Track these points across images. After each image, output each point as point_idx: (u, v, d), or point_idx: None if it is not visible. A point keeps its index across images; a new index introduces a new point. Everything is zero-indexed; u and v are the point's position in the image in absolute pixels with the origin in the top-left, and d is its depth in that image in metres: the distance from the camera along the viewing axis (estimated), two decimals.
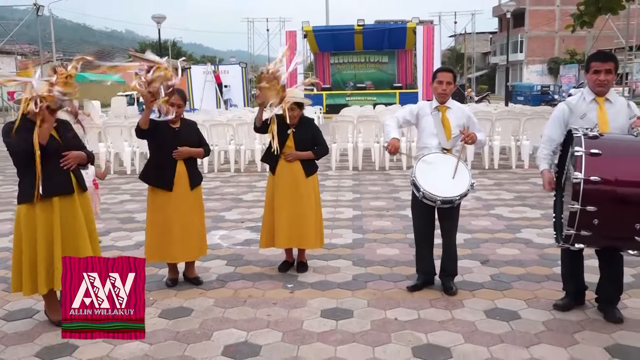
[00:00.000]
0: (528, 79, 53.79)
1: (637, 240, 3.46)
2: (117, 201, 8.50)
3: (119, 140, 11.51)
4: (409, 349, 3.53)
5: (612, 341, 3.58)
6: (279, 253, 5.30)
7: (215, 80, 30.64)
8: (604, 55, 3.90)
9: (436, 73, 4.51)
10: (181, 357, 3.48)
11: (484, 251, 5.56)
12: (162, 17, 26.17)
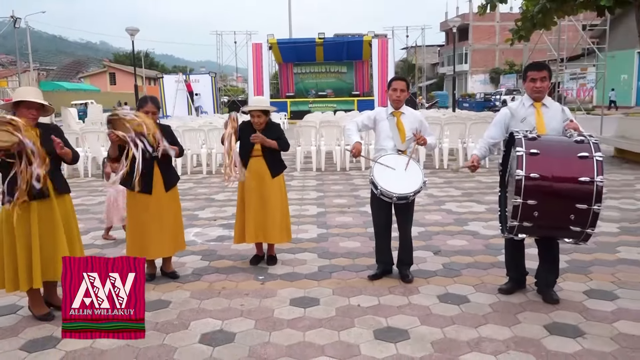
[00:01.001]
0: (472, 87, 54.85)
1: (571, 230, 3.58)
2: (95, 202, 8.29)
3: (96, 146, 11.24)
4: (370, 332, 3.57)
5: (550, 320, 3.69)
6: (250, 248, 5.27)
7: (187, 88, 30.26)
8: (538, 65, 4.01)
9: (391, 82, 4.57)
10: (161, 345, 3.43)
11: (436, 242, 5.65)
12: (136, 30, 25.65)
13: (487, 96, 40.30)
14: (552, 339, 3.41)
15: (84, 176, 11.02)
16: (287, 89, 33.83)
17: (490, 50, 56.75)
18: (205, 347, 3.40)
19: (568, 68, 26.01)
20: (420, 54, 50.60)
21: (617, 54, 30.47)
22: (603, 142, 12.44)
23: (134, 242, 4.52)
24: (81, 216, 6.81)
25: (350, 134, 4.52)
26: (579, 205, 3.47)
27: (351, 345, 3.39)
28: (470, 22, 53.94)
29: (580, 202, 3.47)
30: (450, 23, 32.32)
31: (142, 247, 4.48)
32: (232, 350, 3.35)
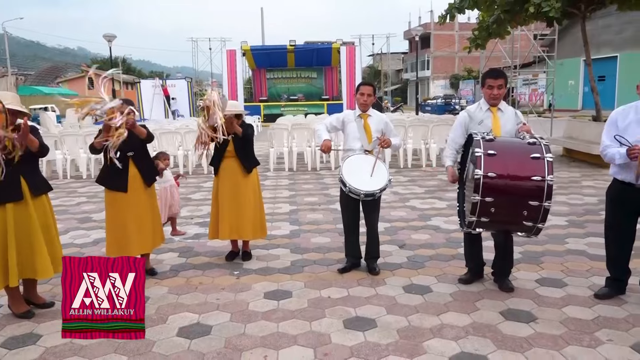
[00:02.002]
0: (434, 92, 55.56)
1: (524, 224, 3.67)
2: (74, 203, 8.09)
3: (75, 148, 10.97)
4: (340, 321, 3.59)
5: (505, 306, 3.78)
6: (225, 244, 5.23)
7: (163, 93, 29.78)
8: (496, 72, 4.06)
9: (359, 86, 4.60)
10: (139, 340, 3.37)
11: (401, 237, 5.71)
12: (113, 36, 25.11)
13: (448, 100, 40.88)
14: (508, 324, 3.49)
15: (62, 177, 10.74)
16: (260, 93, 33.63)
17: (450, 57, 57.62)
18: (183, 339, 3.36)
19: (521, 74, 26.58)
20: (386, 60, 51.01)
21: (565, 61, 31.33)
22: (553, 143, 12.79)
23: (114, 240, 4.41)
24: (60, 216, 6.64)
25: (320, 134, 4.55)
26: (531, 202, 3.55)
27: (322, 334, 3.40)
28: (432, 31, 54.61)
29: (533, 199, 3.55)
30: (413, 32, 32.67)
31: (122, 244, 4.39)
32: (209, 342, 3.32)
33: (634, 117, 3.59)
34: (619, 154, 3.56)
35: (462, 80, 50.76)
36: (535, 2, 10.80)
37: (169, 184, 5.97)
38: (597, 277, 4.27)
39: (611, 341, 3.23)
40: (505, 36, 13.96)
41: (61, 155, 10.90)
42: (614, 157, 3.61)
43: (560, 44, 22.86)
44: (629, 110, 3.66)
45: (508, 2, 11.67)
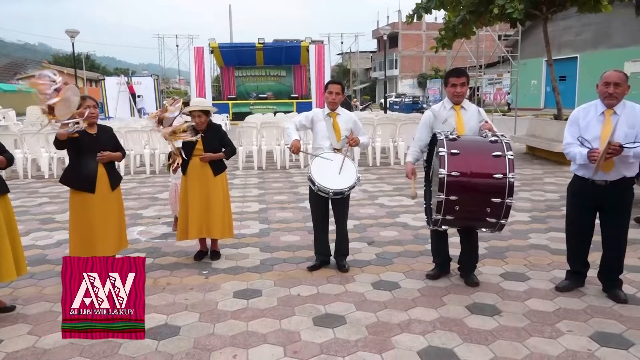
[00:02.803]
0: (402, 91, 56.17)
1: (488, 221, 3.76)
2: (36, 204, 7.86)
3: (35, 147, 10.64)
4: (310, 319, 3.60)
5: (471, 300, 3.87)
6: (194, 244, 5.18)
7: (129, 90, 29.17)
8: (458, 71, 4.16)
9: (327, 85, 4.62)
10: (105, 342, 3.29)
11: (370, 234, 5.77)
12: (76, 32, 24.40)
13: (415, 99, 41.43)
14: (473, 317, 3.58)
15: (23, 177, 10.42)
16: (228, 91, 33.30)
17: (418, 56, 58.37)
18: (151, 341, 3.31)
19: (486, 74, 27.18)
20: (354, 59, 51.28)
21: (528, 61, 32.19)
22: (516, 141, 13.15)
23: (79, 241, 4.31)
24: (21, 217, 6.45)
25: (290, 133, 4.54)
26: (494, 199, 3.65)
27: (292, 332, 3.41)
28: (400, 31, 55.18)
29: (495, 196, 3.64)
30: (381, 31, 32.96)
31: (87, 246, 4.30)
32: (177, 342, 3.28)
33: (593, 116, 3.73)
34: (580, 154, 3.68)
35: (430, 80, 51.51)
36: (499, 4, 11.06)
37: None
38: (558, 270, 4.41)
39: (571, 332, 3.34)
40: (471, 36, 14.27)
41: (21, 154, 10.56)
42: (575, 156, 3.73)
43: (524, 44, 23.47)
44: (589, 109, 3.79)
45: (473, 3, 11.92)
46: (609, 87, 3.61)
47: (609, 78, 3.63)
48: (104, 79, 30.95)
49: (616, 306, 3.72)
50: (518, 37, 19.43)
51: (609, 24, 28.15)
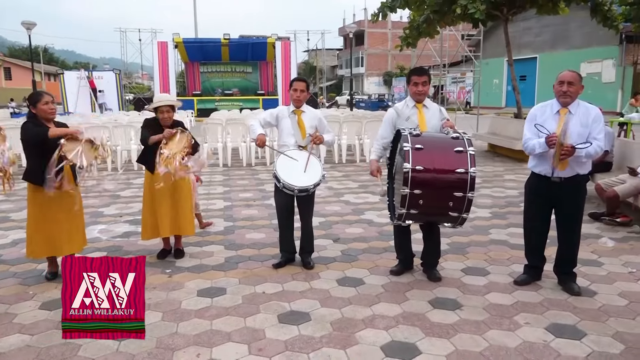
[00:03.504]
0: (368, 88, 56.62)
1: (450, 215, 3.84)
2: None
3: None
4: (275, 316, 3.60)
5: (433, 295, 3.95)
6: (157, 242, 5.09)
7: (90, 85, 28.33)
8: (420, 70, 4.24)
9: (292, 82, 4.62)
10: (64, 344, 3.22)
11: (335, 231, 5.80)
12: (32, 24, 23.53)
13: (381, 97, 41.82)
14: (435, 312, 3.65)
15: None
16: (193, 87, 32.79)
17: (384, 55, 58.90)
18: (112, 341, 3.23)
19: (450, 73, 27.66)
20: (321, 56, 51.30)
21: (491, 61, 32.98)
22: (478, 139, 13.46)
23: (42, 241, 4.17)
24: None
25: (254, 129, 4.54)
26: (456, 193, 3.72)
27: (257, 330, 3.40)
28: (366, 29, 55.58)
29: (457, 190, 3.72)
30: (347, 29, 33.02)
31: (50, 245, 4.17)
32: (139, 343, 3.22)
33: (550, 114, 3.88)
34: (539, 143, 3.81)
35: (395, 78, 52.08)
36: (461, 4, 11.29)
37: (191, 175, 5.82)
38: (516, 264, 4.55)
39: (528, 324, 3.46)
40: (435, 36, 14.51)
41: None
42: (534, 147, 3.87)
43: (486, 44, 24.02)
44: (545, 107, 3.94)
45: (437, 3, 12.12)
46: (563, 86, 3.76)
47: (563, 77, 3.78)
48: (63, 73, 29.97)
49: (570, 298, 3.87)
50: (480, 37, 19.87)
51: (566, 26, 29.14)
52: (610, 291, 4.00)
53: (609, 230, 5.68)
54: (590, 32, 25.81)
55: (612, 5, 13.23)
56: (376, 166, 4.31)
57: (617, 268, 4.52)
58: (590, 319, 3.53)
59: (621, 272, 4.43)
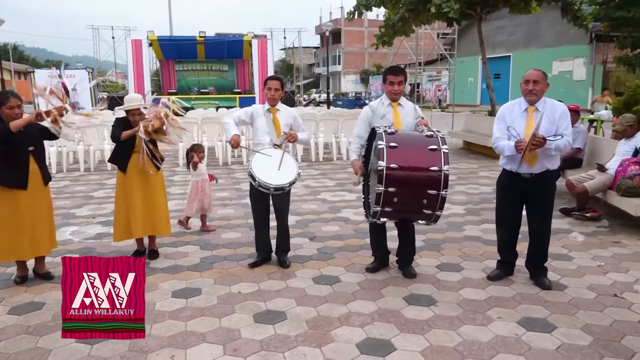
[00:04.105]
0: (345, 87, 56.74)
1: (424, 212, 3.88)
2: None
3: None
4: (250, 316, 3.59)
5: (408, 292, 3.98)
6: (130, 244, 5.01)
7: (61, 84, 27.74)
8: (396, 69, 4.27)
9: (267, 81, 4.61)
10: (33, 349, 3.16)
11: (312, 229, 5.80)
12: (1, 21, 22.95)
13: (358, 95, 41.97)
14: (410, 308, 3.69)
15: None
16: (169, 85, 32.34)
17: (361, 53, 59.06)
18: (83, 345, 3.18)
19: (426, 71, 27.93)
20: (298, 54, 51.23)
21: (466, 59, 33.36)
22: (453, 136, 13.63)
23: (8, 243, 4.06)
24: None
25: (229, 128, 4.51)
26: (430, 191, 3.77)
27: (232, 330, 3.39)
28: (343, 27, 55.62)
29: (431, 188, 3.76)
30: (323, 27, 33.12)
31: (18, 247, 4.07)
32: (112, 346, 3.17)
33: (518, 112, 3.96)
34: (508, 146, 3.88)
35: (372, 76, 52.29)
36: (436, 3, 11.40)
37: (201, 177, 5.88)
38: (490, 260, 4.62)
39: (500, 318, 3.52)
40: (410, 34, 14.61)
41: None
42: (504, 149, 3.93)
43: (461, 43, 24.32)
44: (514, 106, 4.01)
45: (412, 2, 12.21)
46: (529, 85, 3.84)
47: (528, 76, 3.86)
48: (34, 72, 29.23)
49: (542, 292, 3.95)
50: (455, 36, 20.11)
51: (538, 25, 29.66)
52: (580, 284, 4.10)
53: (579, 225, 5.81)
54: (561, 31, 26.32)
55: (582, 4, 13.53)
56: (359, 164, 4.33)
57: (587, 262, 4.63)
58: (560, 312, 3.60)
59: (590, 265, 4.54)
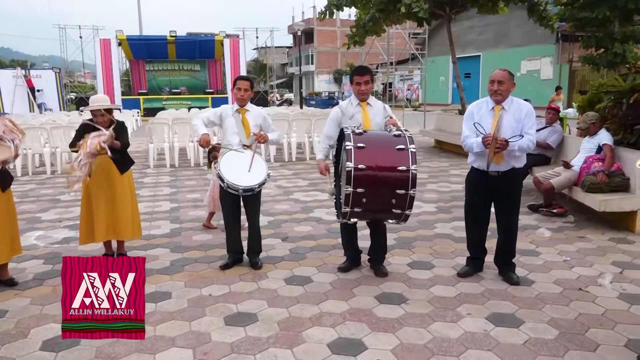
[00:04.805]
0: (318, 86, 56.77)
1: (393, 212, 3.89)
2: None
3: None
4: (221, 319, 3.55)
5: (380, 291, 4.00)
6: (98, 248, 4.92)
7: (27, 84, 26.97)
8: (361, 69, 4.27)
9: (236, 81, 4.56)
10: None
11: (284, 230, 5.78)
12: None
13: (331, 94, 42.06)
14: (382, 307, 3.71)
15: None
16: (139, 86, 31.86)
17: (333, 52, 59.16)
18: (48, 353, 3.10)
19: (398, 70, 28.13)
20: (271, 54, 51.02)
21: (437, 59, 33.74)
22: (425, 135, 13.77)
23: None
24: None
25: (198, 128, 4.47)
26: (398, 190, 3.78)
27: (202, 333, 3.34)
28: (315, 27, 55.66)
29: (400, 188, 3.77)
30: (296, 27, 33.04)
31: None
32: (78, 353, 3.10)
33: (485, 110, 4.02)
34: (476, 142, 3.94)
35: (345, 75, 52.43)
36: (406, 3, 11.51)
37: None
38: (460, 257, 4.67)
39: (470, 315, 3.57)
40: (382, 34, 14.71)
41: None
42: (472, 146, 3.99)
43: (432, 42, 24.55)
44: (481, 105, 4.08)
45: (382, 2, 12.30)
46: (494, 85, 3.91)
47: (493, 77, 3.93)
48: None
49: (510, 288, 4.02)
50: (425, 36, 20.30)
51: (507, 25, 30.23)
52: (547, 279, 4.19)
53: (546, 221, 5.94)
54: (529, 31, 26.87)
55: (547, 5, 13.84)
56: (324, 164, 4.32)
57: (553, 257, 4.73)
58: (527, 307, 3.67)
59: (557, 260, 4.64)
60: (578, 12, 18.09)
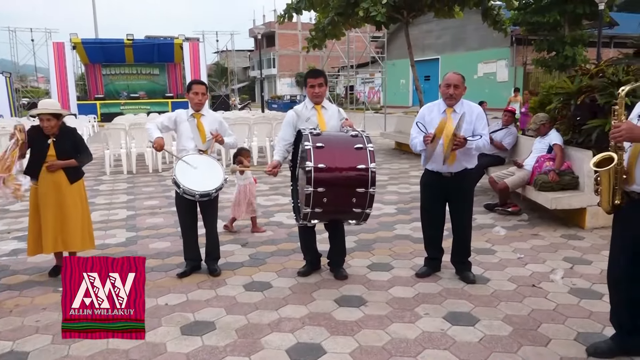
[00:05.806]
0: (281, 90, 56.67)
1: (354, 211, 3.90)
2: None
3: None
4: (177, 328, 3.47)
5: (339, 294, 4.00)
6: (49, 259, 4.73)
7: None
8: (315, 72, 4.29)
9: (191, 85, 4.50)
10: None
11: (244, 235, 5.72)
12: None
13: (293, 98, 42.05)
14: (341, 310, 3.71)
15: None
16: (95, 90, 30.94)
17: (295, 56, 59.19)
18: None
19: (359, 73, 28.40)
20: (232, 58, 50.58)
21: (397, 62, 34.29)
22: (385, 137, 13.93)
23: None
24: None
25: (151, 132, 4.37)
26: (358, 189, 3.79)
27: (157, 344, 3.26)
28: (277, 30, 55.52)
29: (360, 186, 3.79)
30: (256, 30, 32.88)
31: None
32: None
33: (437, 113, 4.10)
34: (419, 142, 4.02)
35: None
36: (364, 7, 11.61)
37: (248, 181, 5.95)
38: (418, 258, 4.73)
39: (427, 314, 3.61)
40: (341, 37, 14.79)
41: None
42: (416, 145, 4.10)
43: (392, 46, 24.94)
44: (433, 107, 4.16)
45: (341, 5, 12.38)
46: (450, 89, 3.98)
47: (449, 80, 3.99)
48: None
49: (466, 287, 4.09)
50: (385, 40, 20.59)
51: (464, 29, 30.98)
52: (501, 277, 4.29)
53: (502, 220, 6.09)
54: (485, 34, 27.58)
55: (501, 10, 14.25)
56: (276, 163, 4.27)
57: (508, 255, 4.86)
58: (483, 305, 3.75)
59: (511, 258, 4.76)
60: (530, 16, 18.74)
